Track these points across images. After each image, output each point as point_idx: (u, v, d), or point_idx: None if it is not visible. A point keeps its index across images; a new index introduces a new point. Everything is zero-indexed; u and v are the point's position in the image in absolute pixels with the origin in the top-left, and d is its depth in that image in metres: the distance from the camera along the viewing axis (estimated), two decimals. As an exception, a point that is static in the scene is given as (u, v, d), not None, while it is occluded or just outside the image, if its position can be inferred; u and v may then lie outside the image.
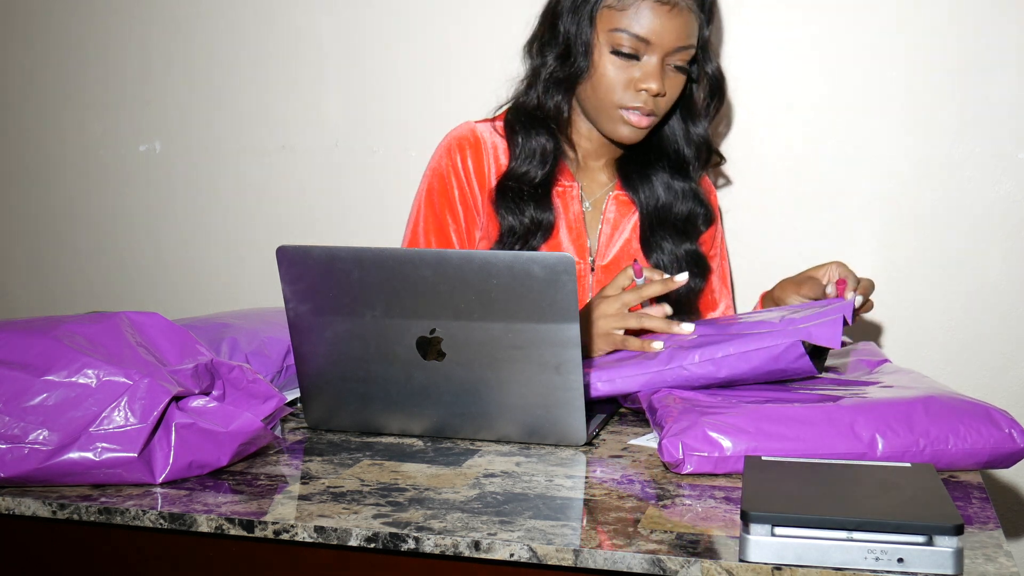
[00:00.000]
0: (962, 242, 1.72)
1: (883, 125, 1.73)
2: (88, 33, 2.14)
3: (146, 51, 2.11)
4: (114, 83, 2.14)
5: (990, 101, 1.69)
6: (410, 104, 1.96)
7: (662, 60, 1.42)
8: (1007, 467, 1.10)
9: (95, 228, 2.21)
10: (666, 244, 1.52)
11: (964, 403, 1.10)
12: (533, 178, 1.50)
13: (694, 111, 1.54)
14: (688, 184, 1.55)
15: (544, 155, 1.50)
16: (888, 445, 1.05)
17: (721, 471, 1.07)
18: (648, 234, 1.53)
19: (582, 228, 1.53)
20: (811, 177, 1.77)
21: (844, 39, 1.73)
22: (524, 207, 1.49)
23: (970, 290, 1.73)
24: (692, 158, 1.55)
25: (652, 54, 1.42)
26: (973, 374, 1.74)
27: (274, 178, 2.06)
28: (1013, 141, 1.69)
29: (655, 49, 1.42)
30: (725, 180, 1.79)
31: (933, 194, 1.72)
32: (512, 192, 1.50)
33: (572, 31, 1.46)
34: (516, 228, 1.49)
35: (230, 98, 2.07)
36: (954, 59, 1.69)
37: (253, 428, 1.10)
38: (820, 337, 1.19)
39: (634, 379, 1.26)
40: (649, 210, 1.54)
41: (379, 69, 1.97)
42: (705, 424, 1.07)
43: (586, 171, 1.57)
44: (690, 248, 1.54)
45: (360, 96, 1.99)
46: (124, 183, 2.17)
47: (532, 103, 1.53)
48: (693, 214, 1.55)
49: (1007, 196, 1.70)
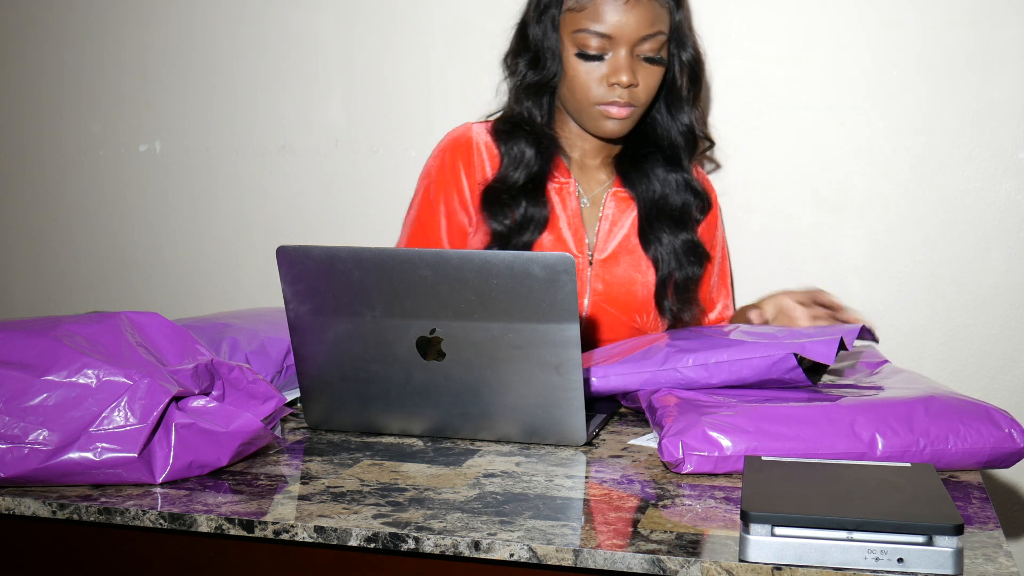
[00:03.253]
0: (962, 242, 1.72)
1: (883, 125, 1.73)
2: (88, 33, 2.14)
3: (146, 51, 2.11)
4: (114, 83, 2.14)
5: (990, 101, 1.69)
6: (410, 104, 1.96)
7: (630, 52, 1.45)
8: (1007, 467, 1.10)
9: (95, 228, 2.21)
10: (664, 236, 1.54)
11: (964, 403, 1.10)
12: (515, 183, 1.52)
13: (678, 100, 1.56)
14: (681, 174, 1.57)
15: (525, 161, 1.53)
16: (888, 445, 1.05)
17: (721, 471, 1.07)
18: (646, 227, 1.55)
19: (580, 223, 1.54)
20: (811, 177, 1.77)
21: (845, 39, 1.73)
22: (509, 209, 1.51)
23: (970, 290, 1.73)
24: (682, 147, 1.57)
25: (618, 48, 1.44)
26: (973, 374, 1.74)
27: (274, 178, 2.06)
28: (1013, 141, 1.69)
29: (619, 43, 1.44)
30: (714, 166, 1.78)
31: (933, 194, 1.72)
32: (498, 194, 1.52)
33: (539, 39, 1.50)
34: (501, 229, 1.51)
35: (230, 98, 2.07)
36: (954, 59, 1.69)
37: (253, 428, 1.10)
38: (814, 352, 1.19)
39: (628, 377, 1.26)
40: (647, 204, 1.55)
41: (379, 69, 1.97)
42: (705, 424, 1.07)
43: (584, 169, 1.59)
44: (687, 238, 1.55)
45: (360, 96, 1.99)
46: (124, 183, 2.17)
47: (511, 111, 1.57)
48: (688, 203, 1.57)
49: (1007, 196, 1.70)
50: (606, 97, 1.46)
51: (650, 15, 1.44)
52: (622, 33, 1.43)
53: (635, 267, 1.53)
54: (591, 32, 1.44)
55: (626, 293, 1.53)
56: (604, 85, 1.46)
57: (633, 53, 1.45)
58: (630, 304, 1.53)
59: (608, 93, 1.46)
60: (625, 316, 1.53)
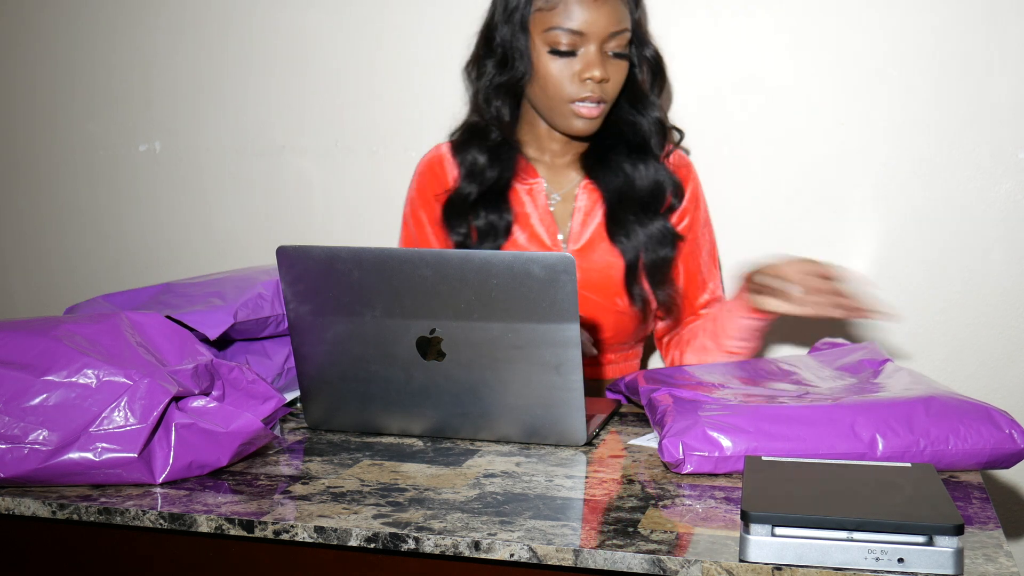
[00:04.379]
0: (962, 242, 1.72)
1: (883, 125, 1.73)
2: (88, 33, 2.14)
3: (146, 51, 2.11)
4: (114, 83, 2.14)
5: (990, 101, 1.68)
6: (410, 104, 1.96)
7: (600, 48, 1.48)
8: (1007, 467, 1.10)
9: (95, 228, 2.21)
10: (631, 223, 1.57)
11: (965, 403, 1.10)
12: (468, 194, 1.58)
13: (641, 95, 1.59)
14: (650, 163, 1.60)
15: (480, 171, 1.59)
16: (888, 445, 1.05)
17: (721, 471, 1.07)
18: (615, 215, 1.58)
19: (551, 219, 1.59)
20: (811, 177, 1.77)
21: (845, 39, 1.73)
22: (467, 220, 1.57)
23: (970, 290, 1.73)
24: (648, 139, 1.60)
25: (589, 44, 1.48)
26: (973, 374, 1.74)
27: (274, 178, 2.06)
28: (1013, 141, 1.68)
29: (590, 39, 1.47)
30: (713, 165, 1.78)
31: (933, 194, 1.72)
32: (454, 207, 1.59)
33: (507, 39, 1.53)
34: (460, 241, 1.58)
35: (230, 98, 2.07)
36: (954, 59, 1.69)
37: (253, 428, 1.10)
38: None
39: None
40: (611, 192, 1.59)
41: (379, 69, 1.97)
42: (705, 424, 1.07)
43: (554, 169, 1.63)
44: (657, 222, 1.58)
45: (359, 96, 1.99)
46: (124, 183, 2.17)
47: (471, 121, 1.62)
48: (658, 190, 1.59)
49: (1007, 196, 1.70)
50: (579, 93, 1.49)
51: (618, 12, 1.48)
52: (593, 29, 1.47)
53: (612, 253, 1.56)
54: (563, 29, 1.47)
55: (604, 278, 1.55)
56: (576, 81, 1.49)
57: (602, 49, 1.49)
58: (609, 288, 1.55)
59: (580, 89, 1.49)
60: (606, 300, 1.56)
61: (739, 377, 1.32)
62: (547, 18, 1.48)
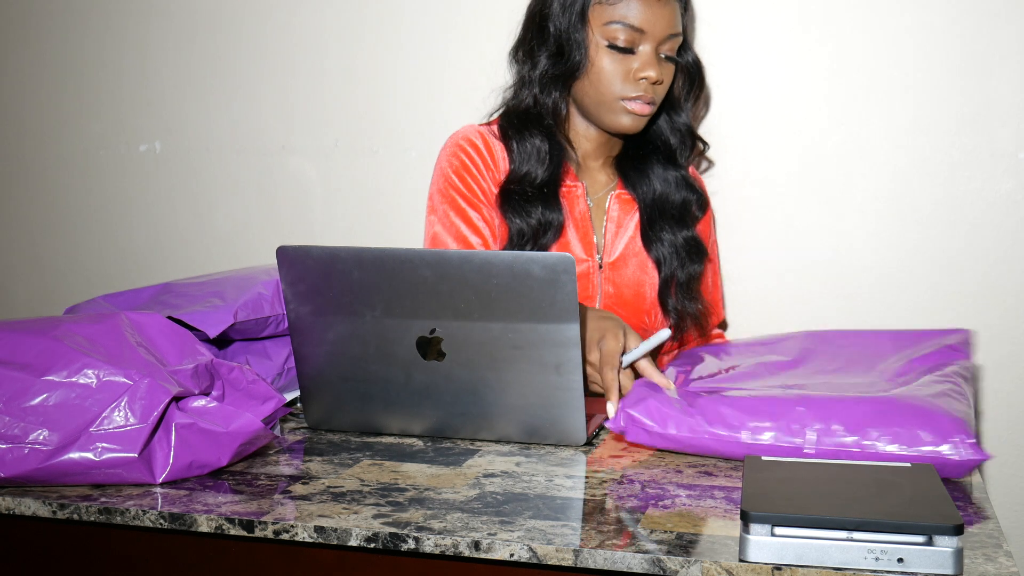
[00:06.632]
0: (962, 242, 1.72)
1: (883, 124, 1.73)
2: (88, 33, 2.14)
3: (146, 51, 2.11)
4: (114, 83, 2.14)
5: (990, 101, 1.68)
6: (410, 104, 1.96)
7: (655, 48, 1.46)
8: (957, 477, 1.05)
9: (95, 228, 2.21)
10: (666, 235, 1.54)
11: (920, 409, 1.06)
12: (535, 178, 1.50)
13: (675, 101, 1.57)
14: (679, 172, 1.58)
15: (541, 155, 1.51)
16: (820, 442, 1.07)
17: (661, 447, 1.15)
18: (648, 228, 1.55)
19: (588, 226, 1.53)
20: (810, 177, 1.77)
21: (845, 39, 1.73)
22: (531, 209, 1.49)
23: (970, 290, 1.72)
24: (678, 147, 1.58)
25: (646, 43, 1.45)
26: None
27: (274, 178, 2.06)
28: (1013, 141, 1.68)
29: (649, 38, 1.45)
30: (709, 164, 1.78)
31: (933, 194, 1.72)
32: (517, 195, 1.50)
33: (564, 29, 1.48)
34: (524, 230, 1.49)
35: (230, 98, 2.07)
36: (954, 59, 1.69)
37: (253, 428, 1.10)
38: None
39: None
40: (648, 203, 1.56)
41: (379, 69, 1.97)
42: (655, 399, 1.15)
43: (586, 171, 1.58)
44: (687, 235, 1.56)
45: (360, 96, 1.99)
46: (124, 183, 2.17)
47: (526, 105, 1.54)
48: (687, 201, 1.57)
49: (1007, 196, 1.70)
50: (632, 91, 1.46)
51: (676, 14, 1.46)
52: (653, 29, 1.44)
53: (642, 269, 1.53)
54: (624, 25, 1.44)
55: (636, 295, 1.52)
56: (630, 80, 1.46)
57: (657, 50, 1.46)
58: (640, 306, 1.53)
59: (634, 88, 1.46)
60: (635, 318, 1.52)
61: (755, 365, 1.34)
62: (608, 11, 1.44)
